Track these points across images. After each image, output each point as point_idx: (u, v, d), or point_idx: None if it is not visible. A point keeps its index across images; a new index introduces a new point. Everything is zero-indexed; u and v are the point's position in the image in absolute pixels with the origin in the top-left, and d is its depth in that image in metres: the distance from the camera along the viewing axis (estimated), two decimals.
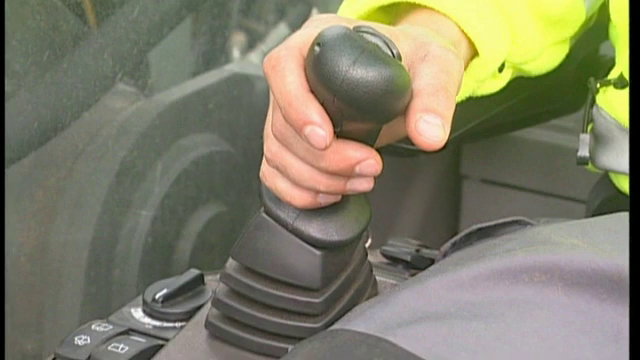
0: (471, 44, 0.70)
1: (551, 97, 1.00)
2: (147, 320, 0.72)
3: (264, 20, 1.67)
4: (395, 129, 0.61)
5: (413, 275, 0.72)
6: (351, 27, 0.57)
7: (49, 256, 0.97)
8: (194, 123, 1.06)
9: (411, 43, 0.60)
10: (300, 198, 0.60)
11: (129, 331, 0.70)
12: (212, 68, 1.16)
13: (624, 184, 0.79)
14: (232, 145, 1.11)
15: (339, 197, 0.61)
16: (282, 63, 0.57)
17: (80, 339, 0.69)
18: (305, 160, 0.59)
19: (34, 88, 0.90)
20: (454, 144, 1.15)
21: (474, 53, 0.71)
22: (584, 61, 0.96)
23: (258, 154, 1.23)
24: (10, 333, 0.92)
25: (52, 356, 0.69)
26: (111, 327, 0.70)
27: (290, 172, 0.59)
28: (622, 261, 0.58)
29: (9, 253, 0.93)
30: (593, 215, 0.82)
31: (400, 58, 0.57)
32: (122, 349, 0.68)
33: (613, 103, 0.77)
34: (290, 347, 0.62)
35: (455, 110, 0.80)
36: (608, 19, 0.80)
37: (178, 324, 0.71)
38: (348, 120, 0.57)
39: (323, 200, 0.61)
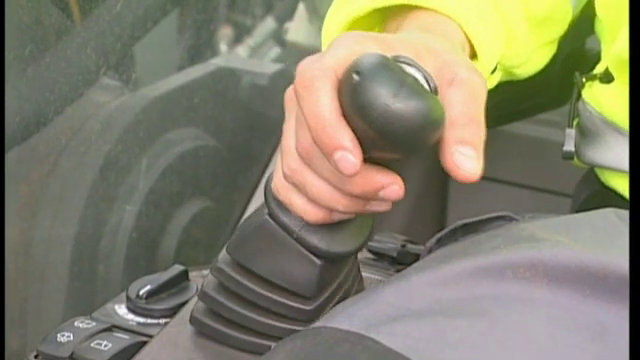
0: (471, 46, 0.70)
1: (537, 91, 1.00)
2: (131, 316, 0.71)
3: (251, 14, 1.67)
4: None
5: (399, 271, 0.71)
6: (389, 55, 0.56)
7: (32, 252, 0.96)
8: (179, 117, 1.06)
9: (435, 61, 0.59)
10: (314, 214, 0.60)
11: (112, 328, 0.70)
12: (198, 62, 1.16)
13: (609, 179, 0.79)
14: (218, 140, 1.10)
15: (353, 215, 0.61)
16: (316, 84, 0.56)
17: (63, 336, 0.68)
18: (328, 182, 0.59)
19: (16, 83, 0.89)
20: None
21: (472, 55, 0.71)
22: (570, 55, 0.96)
23: (244, 149, 1.23)
24: None
25: (34, 353, 0.69)
26: (94, 324, 0.70)
27: (309, 190, 0.59)
28: (607, 257, 0.58)
29: None
30: (578, 210, 0.82)
31: (437, 92, 0.57)
32: (105, 346, 0.68)
33: (599, 98, 0.77)
34: (274, 345, 0.62)
35: None
36: (594, 13, 0.79)
37: (162, 320, 0.71)
38: (379, 149, 0.57)
39: (337, 217, 0.61)
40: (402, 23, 0.69)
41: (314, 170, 0.59)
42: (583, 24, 0.83)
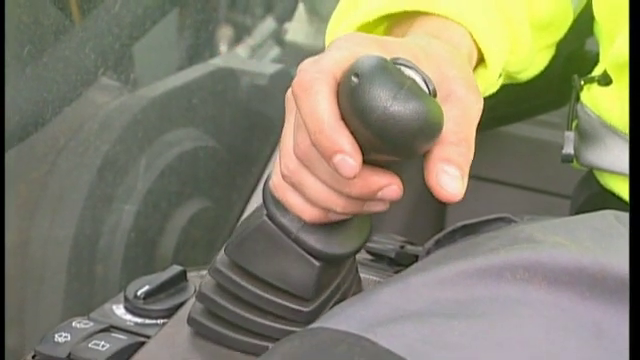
0: (478, 51, 0.69)
1: (537, 93, 1.00)
2: (129, 317, 0.71)
3: (251, 14, 1.67)
4: None
5: (397, 272, 0.71)
6: (388, 57, 0.56)
7: (31, 252, 0.96)
8: (178, 118, 1.06)
9: (434, 71, 0.59)
10: (311, 214, 0.60)
11: (110, 328, 0.70)
12: (197, 62, 1.15)
13: (608, 181, 0.79)
14: (216, 140, 1.10)
15: (350, 215, 0.61)
16: (315, 87, 0.56)
17: (60, 336, 0.68)
18: (326, 183, 0.59)
19: (15, 83, 0.89)
20: None
21: (479, 60, 0.70)
22: (570, 57, 0.96)
23: (243, 149, 1.23)
24: None
25: (32, 353, 0.69)
26: (92, 324, 0.70)
27: (307, 191, 0.59)
28: (605, 259, 0.58)
29: None
30: (577, 211, 0.82)
31: (435, 95, 0.57)
32: (103, 346, 0.67)
33: (597, 100, 0.77)
34: (271, 345, 0.62)
35: None
36: (593, 15, 0.79)
37: (160, 321, 0.71)
38: (377, 151, 0.56)
39: (334, 218, 0.61)
40: (409, 29, 0.68)
41: (312, 172, 0.59)
42: (583, 26, 0.83)
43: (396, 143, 0.55)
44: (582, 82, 0.78)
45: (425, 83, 0.56)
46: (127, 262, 1.00)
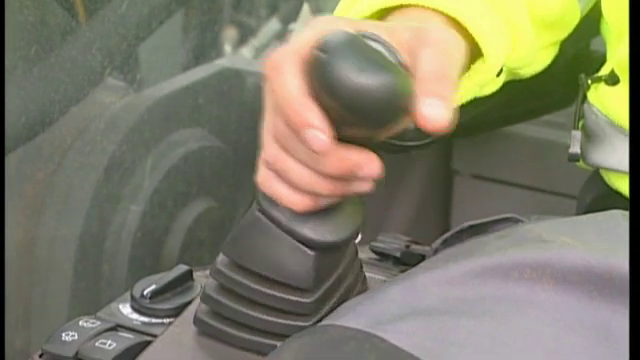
0: (469, 46, 0.70)
1: (543, 93, 1.00)
2: (135, 316, 0.71)
3: (256, 15, 1.67)
4: None
5: (402, 271, 0.72)
6: (353, 32, 0.56)
7: (37, 251, 0.96)
8: (184, 118, 1.06)
9: (410, 31, 0.60)
10: (300, 202, 0.60)
11: (117, 327, 0.70)
12: (203, 63, 1.16)
13: (615, 181, 0.79)
14: (222, 140, 1.10)
15: (338, 199, 0.61)
16: (283, 66, 0.57)
17: (67, 335, 0.68)
18: (306, 164, 0.59)
19: (22, 83, 0.89)
20: (445, 139, 1.15)
21: (474, 56, 0.70)
22: (575, 56, 0.96)
23: (248, 149, 1.23)
24: None
25: (39, 352, 0.69)
26: (99, 323, 0.70)
27: (290, 176, 0.59)
28: (613, 259, 0.58)
29: None
30: (584, 212, 0.82)
31: (403, 66, 0.57)
32: (110, 345, 0.67)
33: (604, 100, 0.77)
34: (279, 344, 0.62)
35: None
36: (599, 14, 0.80)
37: (166, 320, 0.71)
38: (349, 126, 0.57)
39: (323, 203, 0.60)
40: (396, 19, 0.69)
41: (291, 154, 0.59)
42: (588, 25, 0.83)
43: (366, 115, 0.55)
44: (589, 81, 0.78)
45: (393, 55, 0.57)
46: (133, 262, 1.00)
